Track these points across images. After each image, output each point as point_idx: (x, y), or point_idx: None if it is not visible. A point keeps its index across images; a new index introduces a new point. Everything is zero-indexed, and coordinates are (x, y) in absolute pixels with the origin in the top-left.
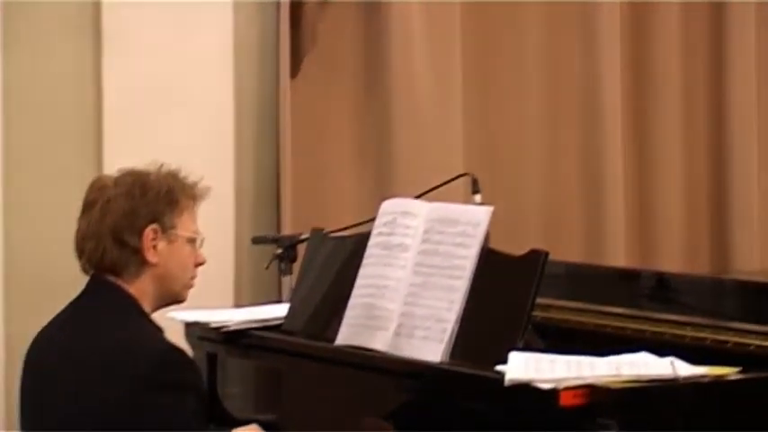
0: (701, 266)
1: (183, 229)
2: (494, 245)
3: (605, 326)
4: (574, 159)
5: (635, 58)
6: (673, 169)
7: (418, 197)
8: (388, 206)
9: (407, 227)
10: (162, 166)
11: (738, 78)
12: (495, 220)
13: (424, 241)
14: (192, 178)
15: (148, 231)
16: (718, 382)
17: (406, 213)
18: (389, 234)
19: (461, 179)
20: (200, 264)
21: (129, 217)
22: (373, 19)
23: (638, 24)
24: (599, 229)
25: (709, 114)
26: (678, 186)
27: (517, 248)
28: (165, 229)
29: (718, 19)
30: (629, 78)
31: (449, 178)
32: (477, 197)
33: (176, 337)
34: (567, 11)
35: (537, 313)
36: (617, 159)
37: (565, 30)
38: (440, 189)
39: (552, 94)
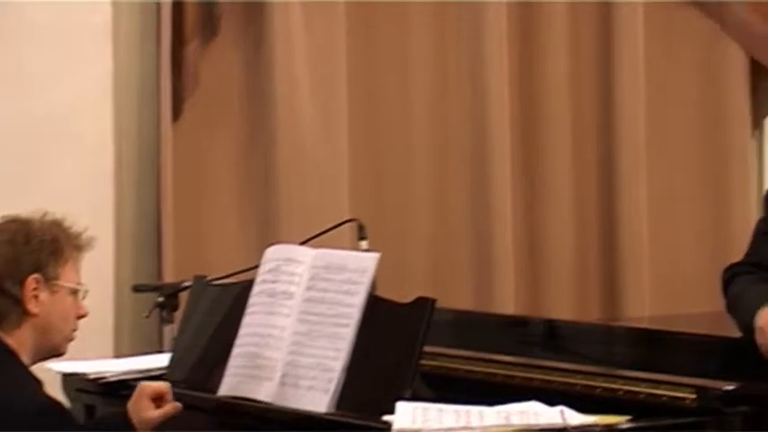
0: (591, 314)
1: (66, 279)
2: (381, 292)
3: (494, 374)
4: (462, 206)
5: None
6: (562, 216)
7: (303, 243)
8: (273, 253)
9: (292, 274)
10: (46, 214)
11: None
12: (381, 267)
13: (310, 288)
14: (76, 228)
15: (30, 281)
16: (608, 430)
17: (290, 260)
18: (274, 282)
19: (347, 225)
20: (83, 316)
21: (10, 265)
22: (257, 61)
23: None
24: (488, 276)
25: (599, 154)
26: (568, 234)
27: (404, 296)
28: (48, 280)
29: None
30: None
31: (334, 224)
32: (364, 243)
33: (54, 389)
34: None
35: (425, 362)
36: (506, 207)
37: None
38: (325, 235)
39: (440, 128)
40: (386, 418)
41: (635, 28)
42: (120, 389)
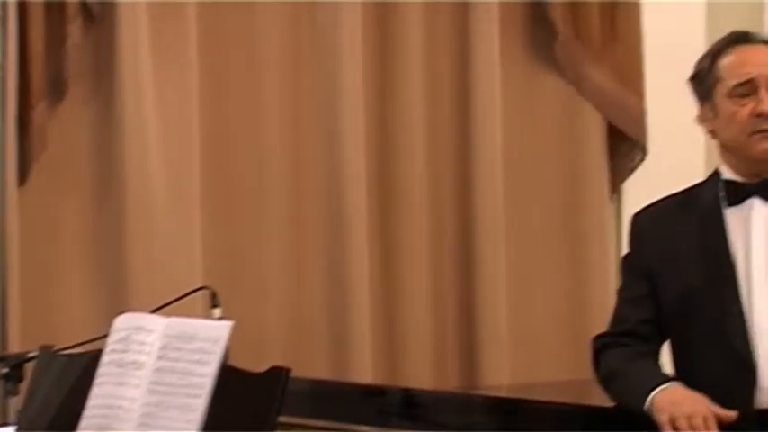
0: (449, 382)
1: None
2: (234, 361)
3: None
4: (318, 274)
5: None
6: (420, 284)
7: (154, 312)
8: (122, 322)
9: (142, 343)
10: None
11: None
12: (235, 335)
13: (160, 358)
14: None
15: None
16: None
17: (140, 329)
18: (123, 351)
19: (200, 292)
20: None
21: None
22: (106, 123)
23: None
24: (344, 344)
25: (457, 222)
26: (426, 300)
27: (259, 365)
28: None
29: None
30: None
31: (186, 292)
32: (216, 311)
33: None
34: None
35: None
36: (362, 273)
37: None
38: (177, 303)
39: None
40: None
41: (492, 88)
42: None
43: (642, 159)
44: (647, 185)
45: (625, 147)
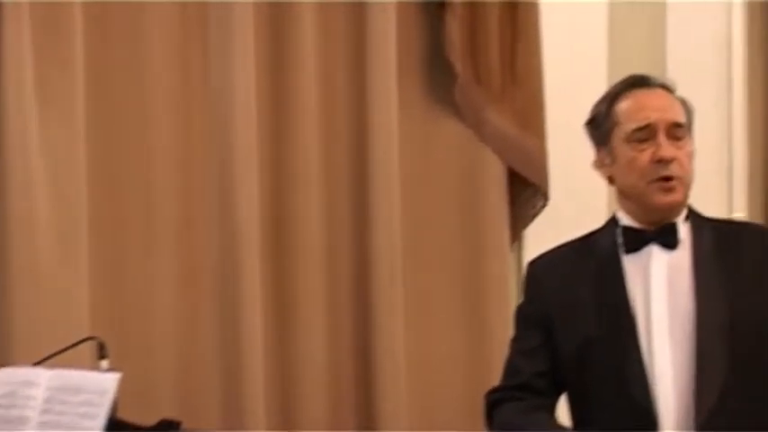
0: (345, 428)
1: None
2: (123, 414)
3: None
4: (210, 321)
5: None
6: (316, 329)
7: (38, 364)
8: (5, 376)
9: (27, 398)
10: None
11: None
12: (124, 387)
13: (45, 412)
14: None
15: None
16: None
17: (25, 383)
18: (8, 407)
19: (87, 343)
20: None
21: None
22: None
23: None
24: (237, 392)
25: (356, 278)
26: (321, 346)
27: (149, 417)
28: None
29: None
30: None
31: (73, 342)
32: (104, 363)
33: None
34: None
35: None
36: (255, 318)
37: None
38: (63, 354)
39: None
40: None
41: (390, 131)
42: None
43: (544, 205)
44: (549, 232)
45: (527, 193)
